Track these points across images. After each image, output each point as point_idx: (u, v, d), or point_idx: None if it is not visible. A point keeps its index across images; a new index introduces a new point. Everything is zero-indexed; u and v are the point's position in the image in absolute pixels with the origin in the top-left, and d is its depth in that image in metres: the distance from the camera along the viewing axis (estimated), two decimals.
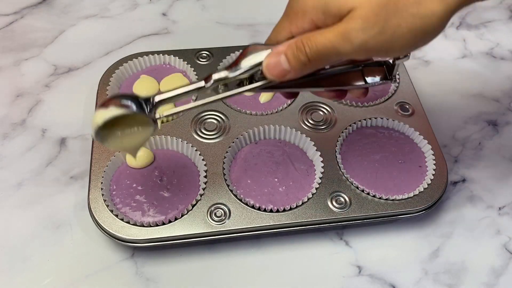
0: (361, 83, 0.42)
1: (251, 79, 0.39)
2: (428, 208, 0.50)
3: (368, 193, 0.49)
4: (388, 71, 0.43)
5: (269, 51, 0.37)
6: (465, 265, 0.49)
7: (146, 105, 0.38)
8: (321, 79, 0.41)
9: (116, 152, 0.50)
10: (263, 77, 0.38)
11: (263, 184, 0.50)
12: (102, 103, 0.37)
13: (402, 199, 0.49)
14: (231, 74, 0.38)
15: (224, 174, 0.50)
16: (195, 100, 0.54)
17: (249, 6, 0.74)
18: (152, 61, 0.60)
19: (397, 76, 0.47)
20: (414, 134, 0.54)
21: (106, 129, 0.37)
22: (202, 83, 0.38)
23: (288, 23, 0.37)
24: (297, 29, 0.37)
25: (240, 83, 0.39)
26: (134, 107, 0.37)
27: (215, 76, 0.38)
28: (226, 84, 0.38)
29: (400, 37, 0.34)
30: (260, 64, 0.37)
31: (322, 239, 0.51)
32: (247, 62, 0.37)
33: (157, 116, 0.39)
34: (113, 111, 0.36)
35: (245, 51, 0.38)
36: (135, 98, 0.38)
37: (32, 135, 0.57)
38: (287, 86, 0.41)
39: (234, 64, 0.38)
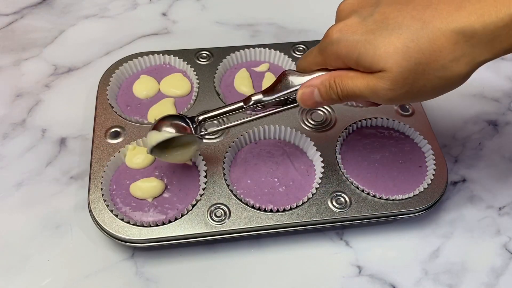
0: None
1: (285, 100, 0.44)
2: (428, 208, 0.50)
3: (368, 193, 0.49)
4: None
5: (302, 80, 0.42)
6: (465, 265, 0.49)
7: (192, 123, 0.45)
8: None
9: (116, 152, 0.50)
10: (295, 100, 0.43)
11: (263, 184, 0.50)
12: (155, 126, 0.44)
13: (402, 199, 0.49)
14: (267, 98, 0.43)
15: (224, 174, 0.50)
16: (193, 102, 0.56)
17: (249, 6, 0.74)
18: (152, 61, 0.60)
19: None
20: (414, 134, 0.54)
21: (159, 147, 0.44)
22: (241, 104, 0.45)
23: (321, 59, 0.40)
24: (330, 66, 0.40)
25: (276, 104, 0.45)
26: (182, 129, 0.44)
27: (254, 98, 0.44)
28: (264, 104, 0.44)
29: (424, 93, 0.37)
30: (293, 91, 0.42)
31: (322, 239, 0.51)
32: (285, 91, 0.42)
33: (202, 132, 0.46)
34: (165, 134, 0.43)
35: (280, 76, 0.43)
36: (182, 119, 0.45)
37: (32, 135, 0.57)
38: None
39: (271, 89, 0.43)
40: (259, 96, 0.44)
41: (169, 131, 0.44)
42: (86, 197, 0.48)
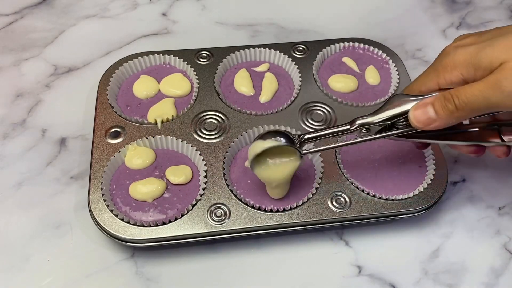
0: (497, 140, 0.44)
1: (391, 126, 0.43)
2: (428, 208, 0.50)
3: (368, 193, 0.49)
4: None
5: (414, 102, 0.41)
6: (465, 265, 0.49)
7: (296, 140, 0.44)
8: (457, 134, 0.43)
9: (116, 152, 0.50)
10: (404, 126, 0.42)
11: (263, 184, 0.50)
12: (260, 137, 0.44)
13: (402, 199, 0.49)
14: (375, 120, 0.42)
15: (224, 174, 0.50)
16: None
17: (249, 6, 0.74)
18: (152, 61, 0.60)
19: None
20: None
21: (260, 159, 0.44)
22: (347, 126, 0.44)
23: (435, 75, 0.40)
24: (444, 82, 0.40)
25: (382, 129, 0.43)
26: (286, 141, 0.43)
27: (360, 121, 0.43)
28: (369, 128, 0.43)
29: None
30: (403, 113, 0.41)
31: (322, 239, 0.51)
32: (392, 111, 0.41)
33: (304, 152, 0.45)
34: (272, 142, 0.43)
35: (390, 100, 0.42)
36: (287, 136, 0.44)
37: (32, 135, 0.57)
38: (425, 137, 0.44)
39: (379, 111, 0.42)
40: (365, 120, 0.43)
41: (274, 141, 0.43)
42: (86, 197, 0.48)
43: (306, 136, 0.44)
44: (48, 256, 0.48)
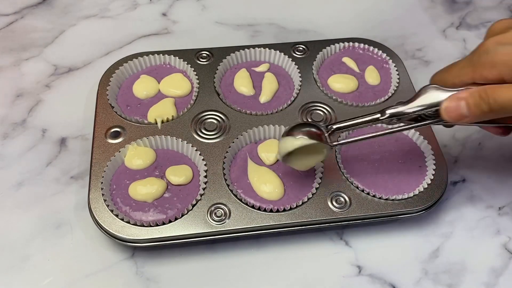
0: None
1: (418, 117, 0.43)
2: (428, 208, 0.50)
3: (368, 193, 0.49)
4: None
5: (446, 94, 0.40)
6: (465, 265, 0.49)
7: (324, 131, 0.45)
8: None
9: (116, 152, 0.50)
10: (433, 117, 0.42)
11: None
12: (289, 132, 0.44)
13: (402, 199, 0.49)
14: (406, 110, 0.42)
15: (224, 174, 0.50)
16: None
17: (249, 6, 0.74)
18: (152, 61, 0.60)
19: None
20: (414, 134, 0.54)
21: (289, 152, 0.44)
22: (378, 115, 0.44)
23: (471, 70, 0.39)
24: (480, 78, 0.38)
25: (412, 119, 0.43)
26: (316, 136, 0.44)
27: (390, 111, 0.43)
28: (399, 118, 0.43)
29: None
30: (436, 104, 0.41)
31: (322, 239, 0.51)
32: (425, 101, 0.41)
33: (333, 144, 0.45)
34: (302, 141, 0.43)
35: (421, 90, 0.42)
36: (316, 127, 0.44)
37: (32, 135, 0.57)
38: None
39: (410, 101, 0.42)
40: (396, 109, 0.43)
41: (305, 138, 0.43)
42: (86, 197, 0.48)
43: (335, 126, 0.45)
44: (48, 256, 0.48)
